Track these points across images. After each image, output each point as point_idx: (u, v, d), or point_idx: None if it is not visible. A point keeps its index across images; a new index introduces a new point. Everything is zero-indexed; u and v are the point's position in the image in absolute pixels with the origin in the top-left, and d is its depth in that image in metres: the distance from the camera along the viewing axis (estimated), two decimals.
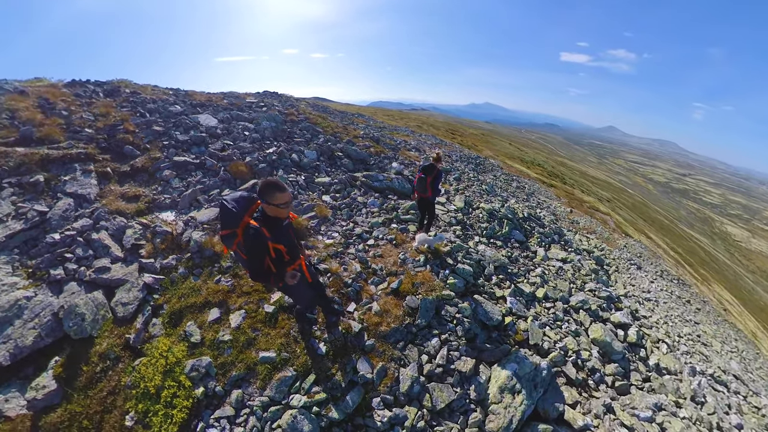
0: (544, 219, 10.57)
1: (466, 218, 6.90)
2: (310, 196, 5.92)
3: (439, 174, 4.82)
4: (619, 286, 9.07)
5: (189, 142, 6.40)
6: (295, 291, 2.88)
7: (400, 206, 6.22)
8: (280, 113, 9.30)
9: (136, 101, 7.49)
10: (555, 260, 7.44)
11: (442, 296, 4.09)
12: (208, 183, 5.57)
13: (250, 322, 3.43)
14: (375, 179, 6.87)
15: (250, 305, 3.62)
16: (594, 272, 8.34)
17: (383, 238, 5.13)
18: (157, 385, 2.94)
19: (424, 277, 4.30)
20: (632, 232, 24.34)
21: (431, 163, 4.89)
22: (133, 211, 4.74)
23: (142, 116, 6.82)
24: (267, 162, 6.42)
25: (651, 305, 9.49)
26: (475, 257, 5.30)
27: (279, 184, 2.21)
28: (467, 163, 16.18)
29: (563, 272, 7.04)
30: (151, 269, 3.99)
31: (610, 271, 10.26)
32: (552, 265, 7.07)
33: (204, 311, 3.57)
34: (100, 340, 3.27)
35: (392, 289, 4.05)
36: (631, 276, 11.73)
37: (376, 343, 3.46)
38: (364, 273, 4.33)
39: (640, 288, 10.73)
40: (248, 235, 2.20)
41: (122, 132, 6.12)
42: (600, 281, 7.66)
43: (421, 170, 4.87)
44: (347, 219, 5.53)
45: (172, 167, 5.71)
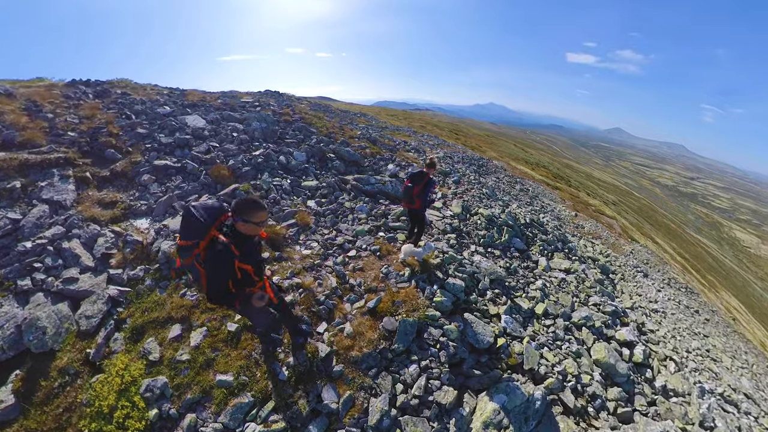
0: (547, 225, 10.02)
1: (462, 225, 6.42)
2: (294, 201, 5.53)
3: (430, 183, 4.23)
4: (626, 297, 8.52)
5: (173, 144, 6.06)
6: (255, 313, 2.62)
7: (391, 212, 5.77)
8: (275, 113, 8.93)
9: (124, 102, 7.22)
10: (558, 271, 6.93)
11: (425, 317, 3.65)
12: (186, 188, 5.22)
13: (211, 341, 3.18)
14: (366, 182, 6.43)
15: (213, 322, 3.36)
16: (599, 283, 7.80)
17: (367, 248, 4.69)
18: (111, 404, 2.75)
19: (407, 295, 3.86)
20: (638, 237, 23.50)
21: (420, 170, 4.29)
22: (108, 218, 4.50)
23: (128, 118, 6.54)
24: (252, 165, 6.04)
25: (658, 317, 8.94)
26: (468, 269, 4.84)
27: (259, 202, 2.05)
28: (469, 165, 15.62)
29: (566, 284, 6.53)
30: (118, 281, 3.75)
31: (615, 280, 9.71)
32: (554, 277, 6.56)
33: (166, 327, 3.33)
34: (62, 354, 3.08)
35: (369, 308, 3.63)
36: (638, 284, 11.15)
37: (346, 369, 3.09)
38: (339, 289, 3.92)
39: (646, 298, 10.17)
40: (214, 251, 1.96)
41: (105, 135, 5.85)
42: (605, 294, 7.13)
43: (409, 178, 4.31)
44: (330, 226, 5.10)
45: (152, 171, 5.39)
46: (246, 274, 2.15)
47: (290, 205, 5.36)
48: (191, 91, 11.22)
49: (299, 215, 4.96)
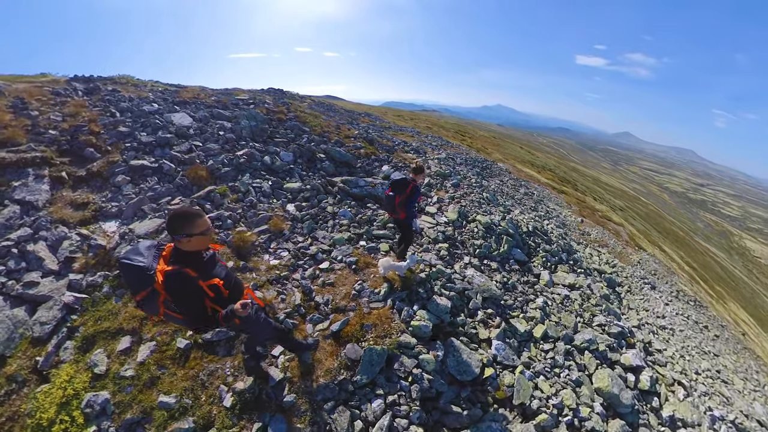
0: (552, 233, 9.34)
1: (457, 233, 5.84)
2: (272, 205, 5.04)
3: (415, 191, 3.61)
4: (632, 314, 7.86)
5: (153, 143, 5.67)
6: (252, 324, 2.36)
7: (378, 218, 5.23)
8: (269, 111, 8.46)
9: (111, 100, 6.88)
10: (561, 286, 6.31)
11: (397, 345, 3.13)
12: (160, 190, 4.82)
13: (158, 357, 2.96)
14: (354, 185, 5.90)
15: (163, 336, 3.12)
16: (605, 299, 7.16)
17: (342, 260, 4.16)
18: (50, 417, 2.61)
19: (380, 317, 3.34)
20: (646, 245, 22.51)
21: (403, 177, 3.64)
22: (78, 220, 4.26)
23: (112, 116, 6.20)
24: (233, 165, 5.59)
25: (666, 335, 8.26)
26: (458, 286, 4.29)
27: (193, 210, 1.81)
28: (471, 167, 14.94)
29: (569, 302, 5.92)
30: (76, 286, 3.54)
31: (622, 294, 9.04)
32: (557, 294, 5.95)
33: (116, 338, 3.13)
34: (12, 360, 2.94)
35: (332, 331, 3.14)
36: (645, 297, 10.44)
37: (298, 400, 2.67)
38: (303, 306, 3.44)
39: (654, 313, 9.47)
40: (172, 284, 1.74)
41: (86, 133, 5.56)
42: (611, 312, 6.49)
43: (390, 185, 3.66)
44: (307, 233, 4.59)
45: (128, 172, 5.05)
46: (218, 291, 1.90)
47: (267, 209, 4.88)
48: (190, 88, 10.87)
49: (273, 221, 4.48)
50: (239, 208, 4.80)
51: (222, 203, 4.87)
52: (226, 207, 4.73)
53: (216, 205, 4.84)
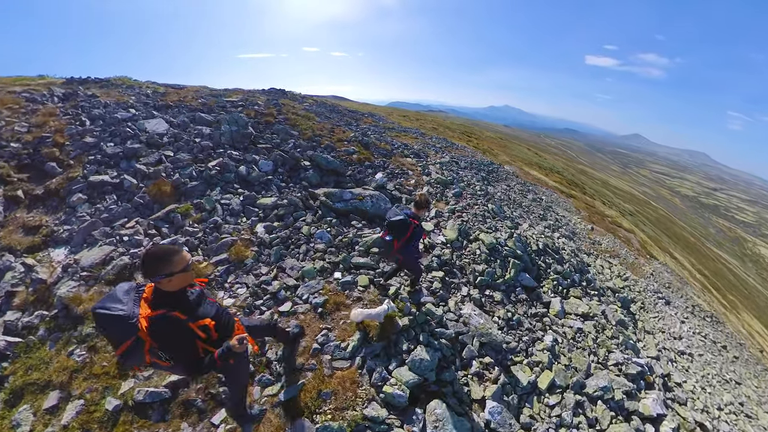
0: (564, 250, 8.40)
1: (455, 256, 5.00)
2: (238, 226, 4.30)
3: (416, 235, 3.01)
4: (649, 341, 6.94)
5: (120, 155, 5.03)
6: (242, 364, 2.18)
7: (361, 240, 4.45)
8: (257, 113, 7.74)
9: (85, 106, 6.28)
10: (573, 317, 5.43)
11: (362, 418, 2.39)
12: (116, 211, 4.17)
13: (84, 419, 2.52)
14: (338, 198, 5.11)
15: (93, 393, 2.68)
16: (621, 325, 6.26)
17: (309, 300, 3.38)
18: None
19: (344, 381, 2.61)
20: (657, 253, 21.22)
21: (402, 218, 2.92)
22: (26, 246, 3.73)
23: (82, 125, 5.59)
24: (203, 178, 4.88)
25: (685, 362, 7.33)
26: (450, 331, 3.48)
27: (167, 247, 1.64)
28: (477, 171, 13.97)
29: (582, 337, 5.06)
30: (11, 328, 3.13)
31: (636, 314, 8.13)
32: (568, 327, 5.09)
33: (45, 392, 2.74)
34: None
35: (281, 400, 2.45)
36: (660, 315, 9.47)
37: None
38: (253, 363, 2.77)
39: (670, 333, 8.54)
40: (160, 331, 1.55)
41: (49, 145, 5.02)
42: (628, 345, 5.60)
43: (387, 227, 3.01)
44: (274, 262, 3.83)
45: (86, 189, 4.45)
46: (209, 331, 1.73)
47: (232, 231, 4.15)
48: (188, 88, 10.29)
49: (235, 247, 3.76)
50: (200, 230, 4.11)
51: (183, 225, 4.18)
52: (185, 230, 4.04)
53: (176, 227, 4.16)
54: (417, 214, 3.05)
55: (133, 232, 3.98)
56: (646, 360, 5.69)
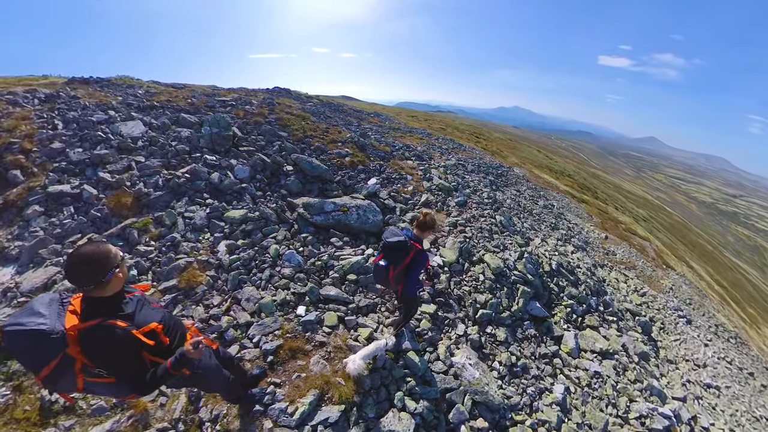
0: (579, 268, 7.39)
1: (453, 283, 4.15)
2: (198, 244, 3.61)
3: (419, 259, 2.39)
4: (675, 377, 5.93)
5: (87, 161, 4.47)
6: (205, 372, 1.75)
7: (337, 264, 3.67)
8: (246, 114, 7.05)
9: (62, 108, 5.76)
10: (589, 354, 4.51)
11: None
12: (69, 225, 3.60)
13: None
14: (318, 210, 4.32)
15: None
16: (643, 359, 5.32)
17: (260, 344, 2.66)
18: None
19: None
20: (674, 263, 19.67)
21: (401, 240, 2.35)
22: None
23: (54, 128, 5.06)
24: (169, 188, 4.22)
25: (712, 397, 6.29)
26: (435, 388, 2.70)
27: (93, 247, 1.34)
28: (485, 175, 12.94)
29: (600, 383, 4.16)
30: None
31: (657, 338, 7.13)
32: (583, 369, 4.19)
33: None
34: None
35: None
36: (681, 337, 8.37)
37: None
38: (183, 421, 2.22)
39: (694, 361, 7.47)
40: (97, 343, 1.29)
41: (16, 152, 4.50)
42: (654, 391, 4.65)
43: (382, 249, 2.43)
44: (230, 290, 3.13)
45: (44, 200, 3.90)
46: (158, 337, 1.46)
47: (190, 251, 3.47)
48: (191, 87, 9.79)
49: (188, 272, 3.08)
50: (155, 250, 3.44)
51: (138, 242, 3.54)
52: (137, 250, 3.39)
53: (131, 245, 3.52)
54: (420, 236, 2.45)
55: None
56: (673, 406, 4.75)
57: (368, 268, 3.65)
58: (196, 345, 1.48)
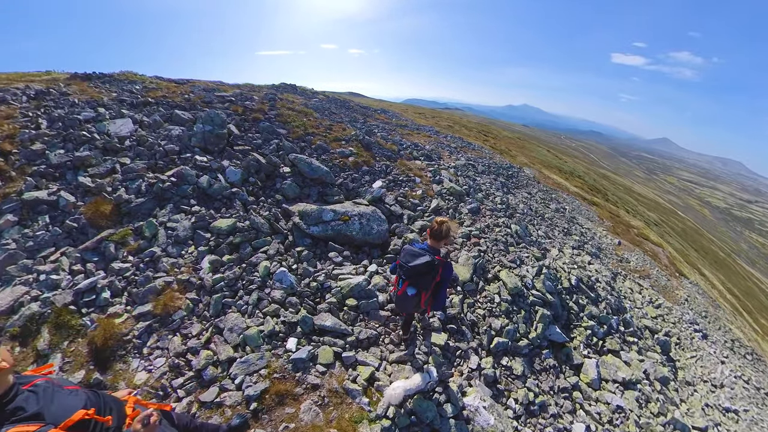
0: (599, 283, 6.90)
1: (466, 306, 3.73)
2: (180, 260, 3.22)
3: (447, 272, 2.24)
4: (695, 403, 5.53)
5: (68, 164, 4.08)
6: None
7: (334, 285, 3.22)
8: (245, 110, 6.62)
9: (50, 106, 5.40)
10: (611, 386, 4.07)
11: None
12: (42, 237, 3.23)
13: None
14: (316, 219, 3.88)
15: None
16: (663, 384, 4.91)
17: (242, 386, 2.28)
18: None
19: None
20: (687, 271, 19.00)
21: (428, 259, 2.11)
22: None
23: (37, 128, 4.69)
24: (153, 193, 3.82)
25: (731, 423, 5.90)
26: None
27: None
28: (496, 176, 12.40)
29: (622, 418, 3.74)
30: None
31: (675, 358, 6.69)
32: (605, 403, 3.77)
33: None
34: None
35: None
36: (698, 354, 7.91)
37: None
38: None
39: (711, 381, 7.04)
40: None
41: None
42: (677, 425, 4.22)
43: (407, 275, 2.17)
44: (212, 316, 2.74)
45: (18, 209, 3.51)
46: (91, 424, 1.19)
47: (169, 269, 3.08)
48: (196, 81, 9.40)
49: (166, 294, 2.71)
50: (132, 266, 3.07)
51: (116, 257, 3.17)
52: (111, 267, 3.02)
53: (107, 260, 3.16)
54: (437, 247, 2.25)
55: (53, 267, 3.04)
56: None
57: (370, 292, 3.22)
58: (146, 421, 1.22)
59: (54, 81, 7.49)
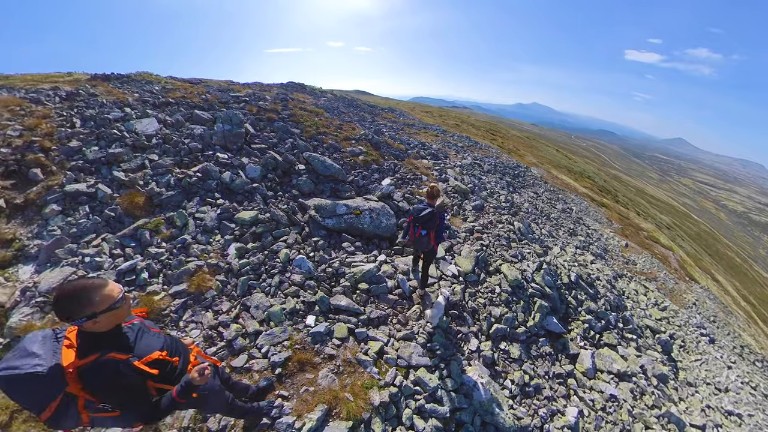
0: (599, 280, 7.09)
1: (468, 295, 4.04)
2: (208, 247, 3.62)
3: (443, 217, 3.31)
4: (694, 403, 5.65)
5: (102, 160, 4.52)
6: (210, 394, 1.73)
7: (347, 271, 3.59)
8: (260, 110, 7.01)
9: (81, 106, 5.89)
10: (606, 375, 4.32)
11: None
12: (84, 225, 3.65)
13: None
14: (330, 212, 4.27)
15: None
16: (662, 381, 5.07)
17: (268, 354, 2.63)
18: None
19: None
20: (698, 276, 18.72)
21: (430, 210, 3.19)
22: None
23: (72, 127, 5.18)
24: (181, 187, 4.24)
25: (733, 426, 6.01)
26: (444, 408, 2.61)
27: (88, 283, 1.26)
28: (502, 175, 12.58)
29: (615, 407, 3.98)
30: None
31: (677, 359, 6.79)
32: (599, 391, 4.02)
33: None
34: None
35: None
36: (703, 357, 7.94)
37: None
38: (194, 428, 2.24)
39: (715, 384, 7.08)
40: (98, 379, 1.25)
41: (36, 150, 4.61)
42: (672, 419, 4.43)
43: (418, 222, 3.23)
44: (239, 296, 3.12)
45: (61, 200, 3.97)
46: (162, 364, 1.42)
47: (200, 254, 3.48)
48: (208, 82, 9.86)
49: (198, 276, 3.08)
50: (166, 252, 3.47)
51: (151, 243, 3.57)
52: (148, 252, 3.42)
53: (143, 246, 3.57)
54: (432, 203, 3.24)
55: (96, 251, 3.48)
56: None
57: (380, 278, 3.57)
58: (202, 372, 1.43)
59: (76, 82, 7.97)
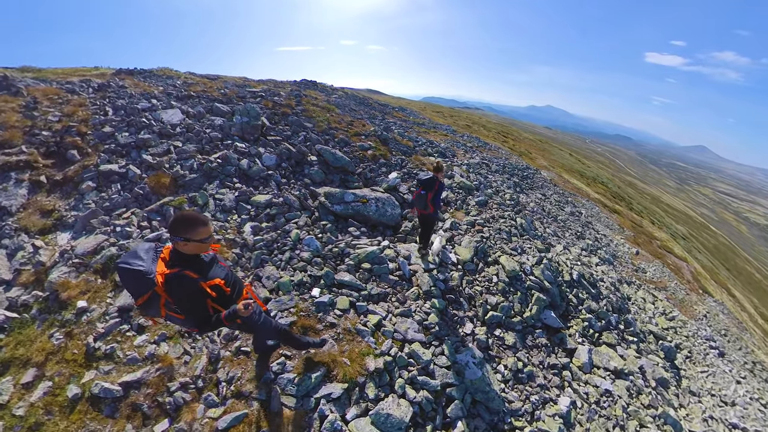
0: (603, 282, 7.06)
1: (465, 282, 4.20)
2: (226, 224, 3.94)
3: (441, 187, 3.92)
4: (695, 410, 5.58)
5: (131, 145, 4.98)
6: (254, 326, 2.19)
7: (353, 252, 3.85)
8: (275, 105, 7.35)
9: (112, 97, 6.40)
10: (603, 371, 4.36)
11: None
12: (116, 200, 4.08)
13: (49, 400, 2.58)
14: (338, 199, 4.51)
15: (60, 378, 2.69)
16: (661, 386, 5.04)
17: (276, 317, 2.93)
18: None
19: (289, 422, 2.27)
20: (713, 289, 18.06)
21: (432, 176, 3.87)
22: (39, 228, 3.91)
23: (105, 114, 5.70)
24: (202, 171, 4.61)
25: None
26: (436, 382, 2.78)
27: (200, 217, 1.73)
28: (509, 176, 12.56)
29: (609, 402, 4.04)
30: (13, 304, 3.25)
31: (681, 368, 6.65)
32: (594, 386, 4.08)
33: (26, 368, 2.82)
34: None
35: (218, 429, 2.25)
36: (710, 370, 7.72)
37: None
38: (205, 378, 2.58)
39: (721, 397, 6.88)
40: (175, 287, 1.67)
41: (73, 134, 5.14)
42: (668, 420, 4.43)
43: (421, 185, 3.90)
44: (253, 268, 3.40)
45: (96, 177, 4.47)
46: (221, 290, 1.83)
47: (219, 230, 3.80)
48: (224, 78, 10.31)
49: (215, 249, 3.39)
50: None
51: None
52: None
53: (167, 220, 3.95)
54: (437, 175, 3.86)
55: (126, 222, 3.88)
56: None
57: (383, 259, 3.80)
58: (247, 306, 1.79)
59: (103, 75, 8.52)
